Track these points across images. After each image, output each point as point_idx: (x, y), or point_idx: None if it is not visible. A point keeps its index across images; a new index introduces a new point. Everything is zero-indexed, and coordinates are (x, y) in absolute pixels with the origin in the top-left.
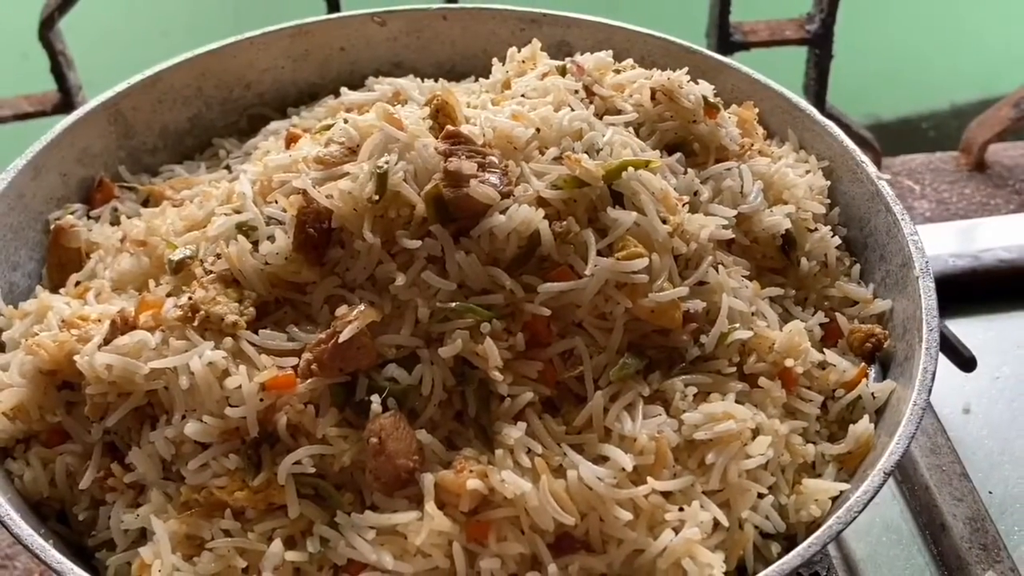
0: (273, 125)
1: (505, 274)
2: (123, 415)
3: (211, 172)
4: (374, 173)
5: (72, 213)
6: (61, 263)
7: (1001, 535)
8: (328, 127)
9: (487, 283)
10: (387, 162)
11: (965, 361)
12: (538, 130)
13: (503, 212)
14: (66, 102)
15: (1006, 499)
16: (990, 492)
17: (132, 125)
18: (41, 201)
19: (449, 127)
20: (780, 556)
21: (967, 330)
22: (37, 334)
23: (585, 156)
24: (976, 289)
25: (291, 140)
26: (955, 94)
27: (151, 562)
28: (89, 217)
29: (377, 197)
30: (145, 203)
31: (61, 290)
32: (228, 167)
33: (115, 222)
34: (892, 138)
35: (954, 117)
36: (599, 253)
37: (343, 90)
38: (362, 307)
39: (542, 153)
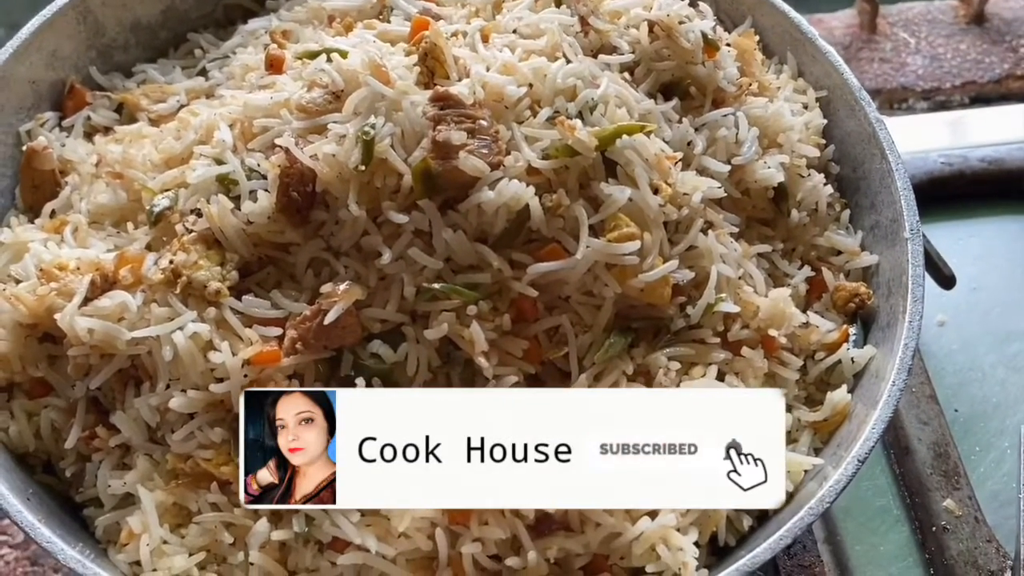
0: (251, 24)
1: (493, 252)
2: (107, 377)
3: (187, 75)
4: (360, 138)
5: (43, 124)
6: (35, 184)
7: (962, 459)
8: (311, 55)
9: (474, 259)
10: (373, 127)
11: (945, 279)
12: (530, 86)
13: (492, 187)
14: None
15: (971, 418)
16: (956, 410)
17: (102, 22)
18: (11, 112)
19: (438, 89)
20: (752, 528)
21: (949, 236)
22: (12, 276)
23: (579, 122)
24: (962, 191)
25: (272, 63)
26: None
27: (139, 532)
28: (61, 129)
29: (363, 167)
30: (119, 109)
31: (36, 220)
32: (204, 71)
33: (89, 133)
34: None
35: None
36: (590, 228)
37: None
38: (347, 285)
39: (534, 113)
